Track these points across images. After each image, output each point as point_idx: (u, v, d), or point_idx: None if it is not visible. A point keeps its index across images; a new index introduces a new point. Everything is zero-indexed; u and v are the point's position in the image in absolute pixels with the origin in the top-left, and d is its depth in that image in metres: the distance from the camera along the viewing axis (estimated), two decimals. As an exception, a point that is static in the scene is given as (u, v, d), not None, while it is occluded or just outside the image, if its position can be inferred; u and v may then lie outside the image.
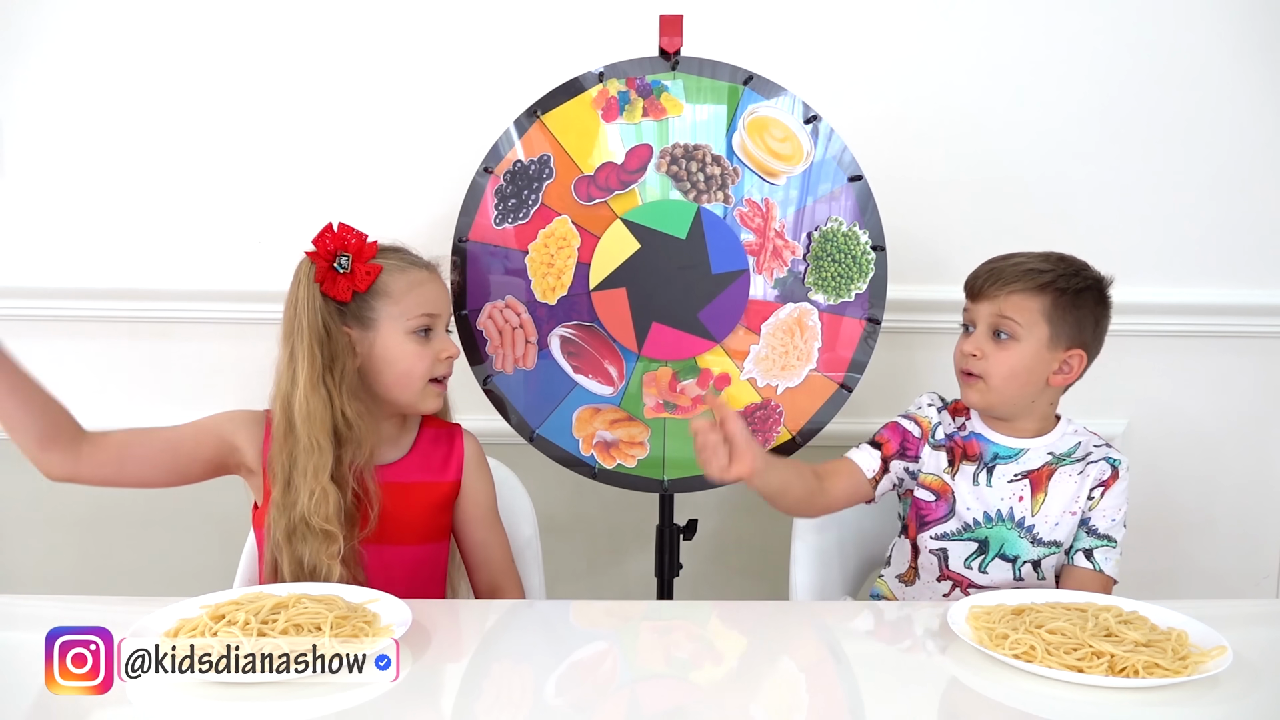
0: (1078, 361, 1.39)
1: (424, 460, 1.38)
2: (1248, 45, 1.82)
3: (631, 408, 1.56)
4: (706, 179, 1.52)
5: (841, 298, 1.54)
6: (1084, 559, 1.40)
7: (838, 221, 1.53)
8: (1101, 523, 1.41)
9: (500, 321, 1.54)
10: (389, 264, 1.31)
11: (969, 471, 1.43)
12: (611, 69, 1.51)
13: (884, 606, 1.39)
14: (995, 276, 1.38)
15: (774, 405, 1.56)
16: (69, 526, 1.89)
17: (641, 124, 1.51)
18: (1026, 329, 1.36)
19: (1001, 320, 1.37)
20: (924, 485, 1.44)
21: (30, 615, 1.19)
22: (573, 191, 1.51)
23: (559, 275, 1.53)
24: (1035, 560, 1.41)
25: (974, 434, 1.44)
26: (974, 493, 1.42)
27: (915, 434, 1.45)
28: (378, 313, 1.30)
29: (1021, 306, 1.36)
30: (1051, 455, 1.42)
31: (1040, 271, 1.37)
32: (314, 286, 1.29)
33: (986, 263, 1.42)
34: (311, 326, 1.27)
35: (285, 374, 1.28)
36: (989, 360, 1.37)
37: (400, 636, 1.04)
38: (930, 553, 1.44)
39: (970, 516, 1.42)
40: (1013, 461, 1.42)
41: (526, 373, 1.55)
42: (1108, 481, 1.41)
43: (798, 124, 1.52)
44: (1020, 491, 1.41)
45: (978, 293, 1.39)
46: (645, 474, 1.57)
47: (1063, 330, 1.36)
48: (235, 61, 1.77)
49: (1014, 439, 1.43)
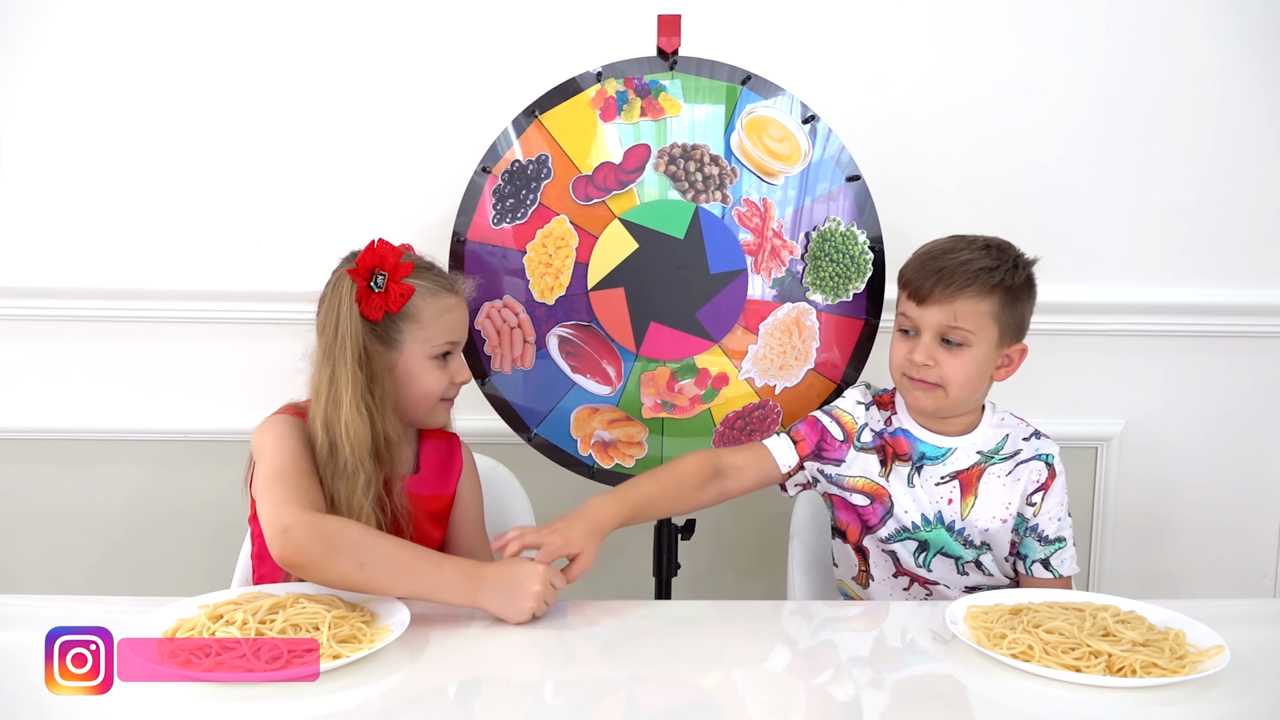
0: (1019, 355, 1.36)
1: (429, 473, 1.39)
2: (1247, 45, 1.82)
3: (629, 408, 1.56)
4: (704, 179, 1.52)
5: (840, 298, 1.54)
6: (1042, 569, 1.37)
7: (836, 221, 1.53)
8: (1050, 527, 1.37)
9: (498, 321, 1.54)
10: (421, 286, 1.30)
11: (903, 472, 1.38)
12: (610, 69, 1.51)
13: (882, 606, 1.38)
14: (944, 280, 1.30)
15: (772, 405, 1.56)
16: (69, 526, 1.89)
17: (640, 124, 1.52)
18: (978, 334, 1.31)
19: (953, 329, 1.31)
20: (855, 489, 1.40)
21: (30, 615, 1.19)
22: (571, 191, 1.51)
23: (557, 275, 1.53)
24: (975, 560, 1.38)
25: (900, 430, 1.40)
26: (909, 494, 1.38)
27: (837, 436, 1.40)
28: (404, 335, 1.30)
29: (973, 312, 1.30)
30: (980, 454, 1.37)
31: (989, 270, 1.30)
32: (354, 306, 1.27)
33: (923, 259, 1.35)
34: (355, 347, 1.26)
35: (326, 394, 1.25)
36: (944, 368, 1.31)
37: (399, 636, 1.05)
38: (882, 553, 1.41)
39: (909, 519, 1.38)
40: (940, 462, 1.37)
41: (524, 372, 1.55)
42: (1045, 483, 1.36)
43: (796, 124, 1.52)
44: (949, 494, 1.37)
45: (924, 297, 1.31)
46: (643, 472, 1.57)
47: (1009, 328, 1.33)
48: (234, 62, 1.77)
49: (941, 437, 1.38)
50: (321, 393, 1.26)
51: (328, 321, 1.28)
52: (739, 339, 1.54)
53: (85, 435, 1.86)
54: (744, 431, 1.56)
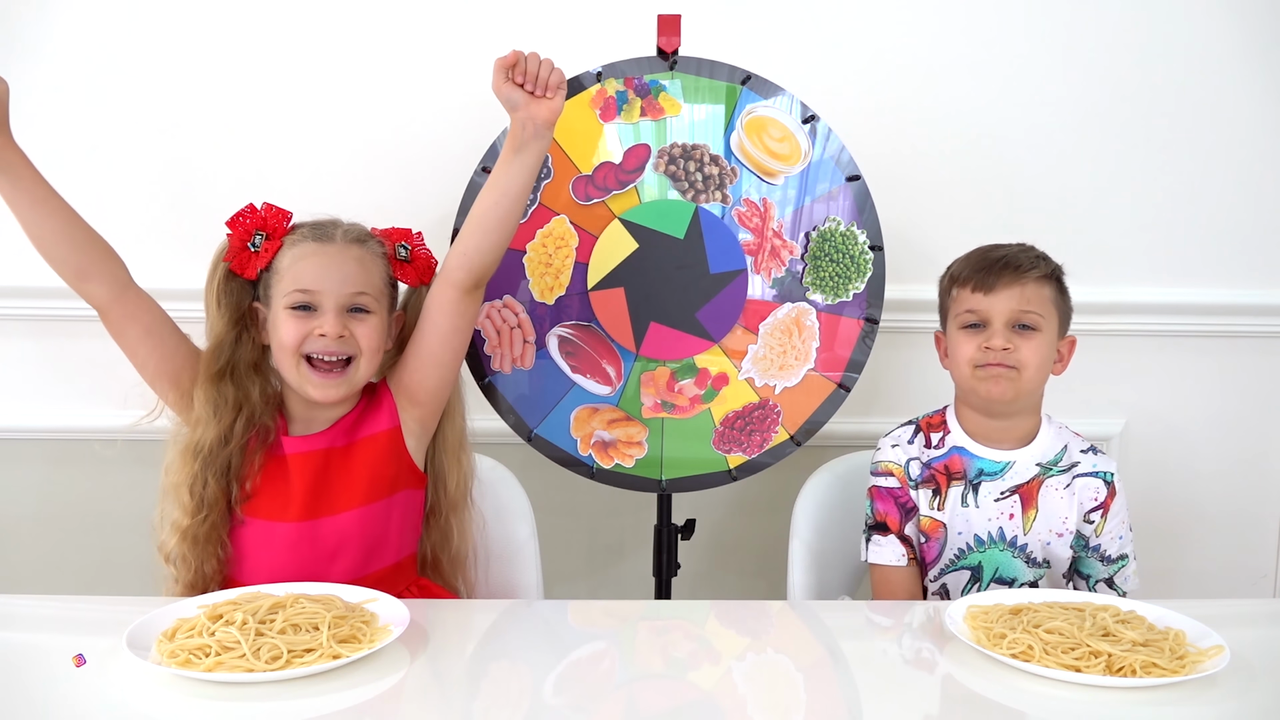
0: (1069, 348, 1.39)
1: (354, 423, 1.35)
2: (1247, 44, 1.82)
3: (629, 407, 1.56)
4: (704, 179, 1.52)
5: (839, 298, 1.54)
6: (1106, 588, 1.38)
7: (836, 221, 1.53)
8: (1112, 546, 1.38)
9: (498, 321, 1.54)
10: (287, 241, 1.32)
11: (956, 494, 1.38)
12: (610, 69, 1.51)
13: (882, 606, 1.38)
14: (1010, 266, 1.33)
15: (772, 405, 1.56)
16: (69, 526, 1.89)
17: (639, 124, 1.52)
18: (1046, 319, 1.34)
19: (1025, 313, 1.33)
20: (919, 529, 1.41)
21: (30, 615, 1.19)
22: (570, 191, 1.51)
23: (557, 275, 1.53)
24: (1033, 582, 1.38)
25: (955, 449, 1.40)
26: (962, 515, 1.38)
27: (897, 486, 1.40)
28: (272, 289, 1.31)
29: (1040, 296, 1.33)
30: (1039, 466, 1.38)
31: (1043, 259, 1.36)
32: (223, 264, 1.32)
33: (980, 256, 1.38)
34: (221, 291, 1.31)
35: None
36: (1021, 352, 1.32)
37: (399, 636, 1.05)
38: (933, 594, 1.41)
39: (962, 542, 1.38)
40: (999, 478, 1.38)
41: (524, 372, 1.55)
42: (1105, 503, 1.37)
43: (795, 124, 1.52)
44: (1010, 509, 1.37)
45: (993, 285, 1.33)
46: (643, 474, 1.57)
47: (1064, 318, 1.37)
48: (234, 64, 1.77)
49: (999, 451, 1.38)
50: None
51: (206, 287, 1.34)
52: (739, 339, 1.54)
53: (85, 435, 1.85)
54: (744, 431, 1.56)
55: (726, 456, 1.57)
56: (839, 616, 1.30)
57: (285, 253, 1.31)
